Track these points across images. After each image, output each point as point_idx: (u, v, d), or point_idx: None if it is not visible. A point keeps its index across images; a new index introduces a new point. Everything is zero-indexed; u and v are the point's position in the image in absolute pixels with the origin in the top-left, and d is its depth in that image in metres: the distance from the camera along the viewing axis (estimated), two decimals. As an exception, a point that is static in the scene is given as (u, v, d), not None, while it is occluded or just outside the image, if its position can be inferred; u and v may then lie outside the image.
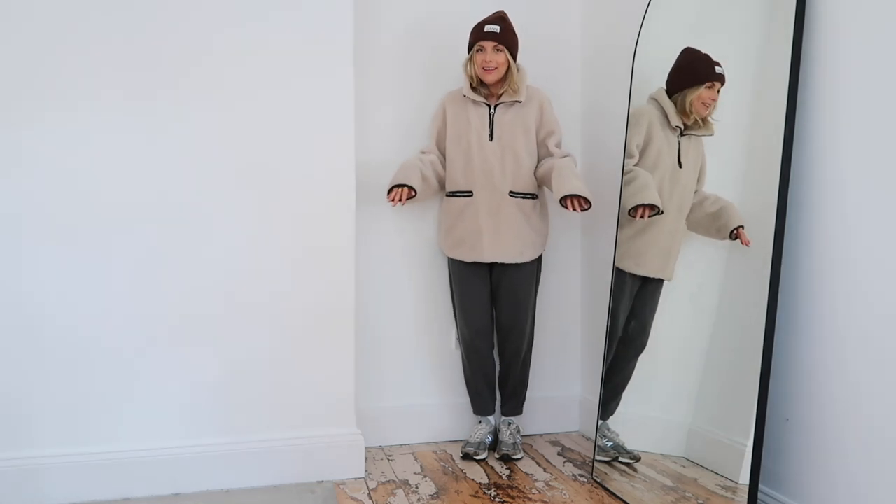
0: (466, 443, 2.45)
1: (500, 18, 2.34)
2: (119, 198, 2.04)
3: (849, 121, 1.58)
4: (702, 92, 2.01)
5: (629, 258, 2.21)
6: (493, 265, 2.43)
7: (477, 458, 2.40)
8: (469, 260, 2.40)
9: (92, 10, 2.00)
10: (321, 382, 2.21)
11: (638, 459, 2.08)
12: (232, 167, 2.13)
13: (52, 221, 1.99)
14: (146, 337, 2.07)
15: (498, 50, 2.31)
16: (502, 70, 2.33)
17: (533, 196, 2.40)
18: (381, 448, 2.54)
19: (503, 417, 2.52)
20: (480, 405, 2.51)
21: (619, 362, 2.22)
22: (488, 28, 2.30)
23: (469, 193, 2.38)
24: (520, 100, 2.36)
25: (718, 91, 1.97)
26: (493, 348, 2.50)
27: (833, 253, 1.62)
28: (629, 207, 2.13)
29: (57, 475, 1.98)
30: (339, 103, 2.21)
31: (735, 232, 1.85)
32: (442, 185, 2.48)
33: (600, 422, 2.23)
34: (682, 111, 2.06)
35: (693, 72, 2.05)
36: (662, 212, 2.06)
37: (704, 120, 2.02)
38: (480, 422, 2.52)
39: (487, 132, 2.37)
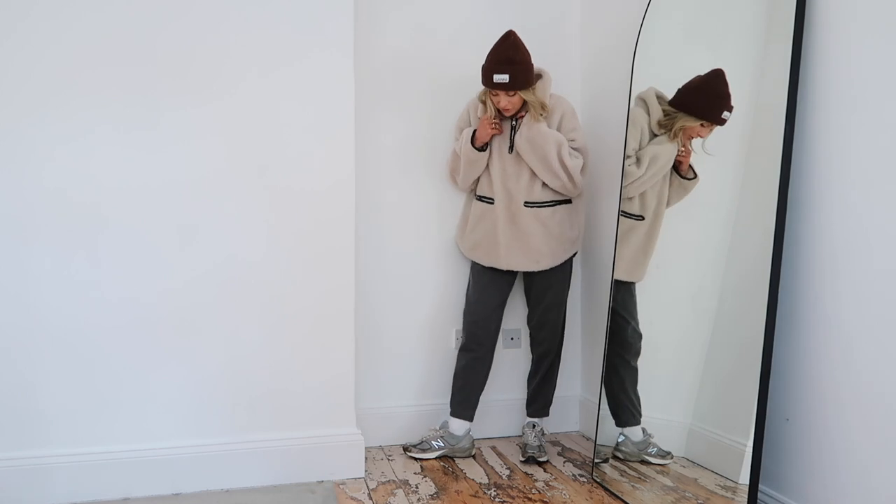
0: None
1: (509, 61, 2.19)
2: (120, 197, 2.04)
3: (849, 120, 1.58)
4: (697, 126, 1.92)
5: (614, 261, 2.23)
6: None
7: (410, 454, 2.43)
8: (486, 265, 2.42)
9: (92, 11, 2.00)
10: (321, 382, 2.21)
11: (668, 454, 2.04)
12: (232, 167, 2.13)
13: (55, 221, 1.99)
14: (146, 337, 2.07)
15: (511, 96, 2.24)
16: (518, 105, 2.27)
17: (551, 203, 2.36)
18: (381, 448, 2.54)
19: (528, 419, 2.52)
20: (452, 405, 2.48)
21: (626, 364, 2.21)
22: (497, 79, 2.19)
23: (491, 201, 2.40)
24: (541, 114, 2.29)
25: (712, 130, 1.89)
26: (488, 359, 2.47)
27: (833, 253, 1.62)
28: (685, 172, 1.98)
29: (57, 475, 1.98)
30: (339, 104, 2.21)
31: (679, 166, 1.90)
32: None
33: (643, 434, 2.14)
34: (666, 127, 1.98)
35: (702, 105, 1.90)
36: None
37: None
38: (440, 427, 2.48)
39: (508, 144, 2.36)
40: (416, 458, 2.42)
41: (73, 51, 1.99)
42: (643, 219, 2.13)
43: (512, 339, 2.73)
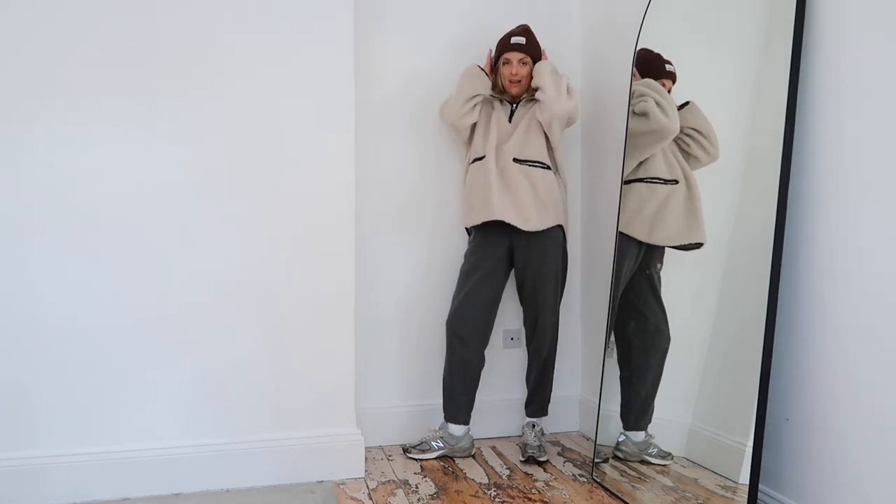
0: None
1: (525, 30, 2.45)
2: (118, 197, 2.04)
3: (849, 120, 1.58)
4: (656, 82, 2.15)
5: (622, 222, 2.24)
6: (513, 247, 2.42)
7: (410, 455, 2.42)
8: (480, 220, 2.40)
9: (90, 9, 2.01)
10: (321, 382, 2.21)
11: (669, 455, 2.03)
12: (231, 167, 2.13)
13: (52, 221, 1.99)
14: (146, 337, 2.07)
15: (523, 63, 2.43)
16: (526, 83, 2.45)
17: (541, 165, 2.40)
18: (381, 448, 2.54)
19: (527, 419, 2.51)
20: (446, 408, 2.46)
21: (639, 365, 2.17)
22: (514, 40, 2.42)
23: (483, 157, 2.43)
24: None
25: (670, 90, 2.10)
26: (475, 360, 2.43)
27: (833, 252, 1.62)
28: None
29: (57, 475, 1.98)
30: (339, 102, 2.21)
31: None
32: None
33: (644, 435, 2.13)
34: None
35: (645, 72, 2.20)
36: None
37: None
38: (439, 428, 2.46)
39: (507, 116, 2.47)
40: (415, 459, 2.42)
41: (70, 50, 1.99)
42: (677, 182, 2.10)
43: (512, 339, 2.73)
